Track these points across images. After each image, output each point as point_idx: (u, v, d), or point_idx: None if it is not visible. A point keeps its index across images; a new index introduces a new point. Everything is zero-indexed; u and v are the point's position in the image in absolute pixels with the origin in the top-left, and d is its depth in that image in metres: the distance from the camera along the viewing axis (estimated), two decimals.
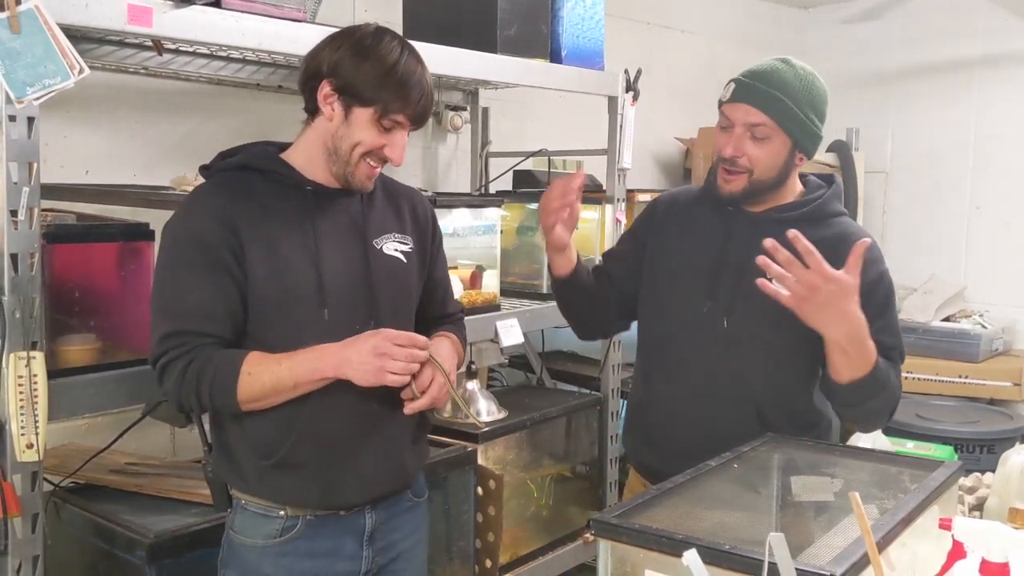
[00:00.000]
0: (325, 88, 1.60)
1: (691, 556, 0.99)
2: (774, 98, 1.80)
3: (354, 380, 1.56)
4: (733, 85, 1.85)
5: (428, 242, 1.83)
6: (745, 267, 1.84)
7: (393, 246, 1.73)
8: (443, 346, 1.76)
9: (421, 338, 1.62)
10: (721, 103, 1.87)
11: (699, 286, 1.89)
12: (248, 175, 1.65)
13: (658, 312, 1.99)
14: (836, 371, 1.72)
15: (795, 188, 1.93)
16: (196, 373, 1.55)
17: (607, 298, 2.06)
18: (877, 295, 1.83)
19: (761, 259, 1.63)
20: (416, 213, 1.81)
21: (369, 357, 1.55)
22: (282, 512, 1.64)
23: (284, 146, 1.72)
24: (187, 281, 1.56)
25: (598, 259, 2.96)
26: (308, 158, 1.66)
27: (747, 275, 1.83)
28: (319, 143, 1.64)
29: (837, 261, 1.79)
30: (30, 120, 1.58)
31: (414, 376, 1.60)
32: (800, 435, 1.77)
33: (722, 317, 1.86)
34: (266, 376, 1.55)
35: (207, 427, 1.73)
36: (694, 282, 1.90)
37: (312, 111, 1.65)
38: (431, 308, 1.86)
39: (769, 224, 1.86)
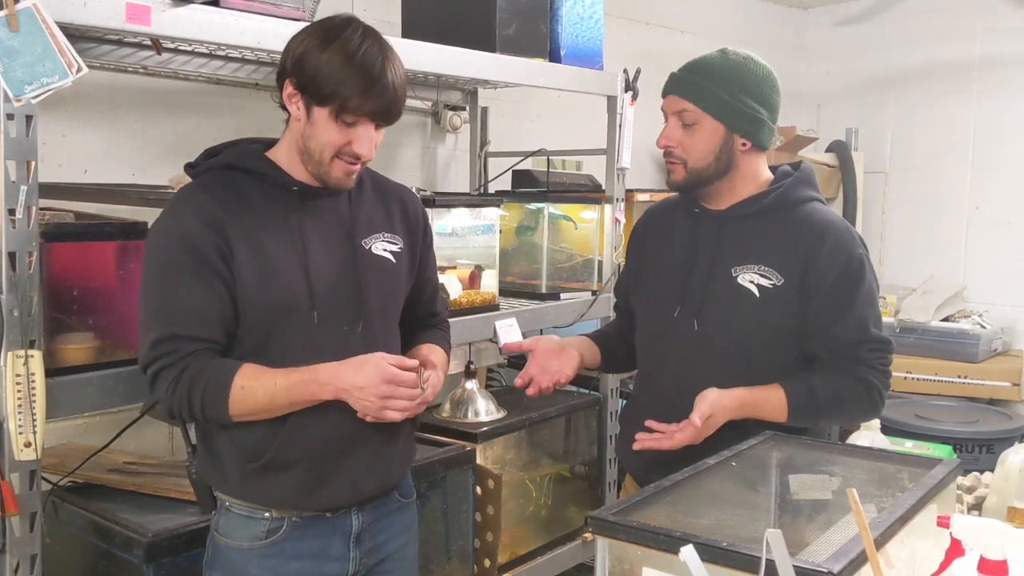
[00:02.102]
0: (288, 88, 1.57)
1: (688, 552, 0.99)
2: (694, 83, 1.82)
3: (354, 408, 1.56)
4: (667, 79, 1.88)
5: (418, 242, 1.80)
6: (712, 268, 1.84)
7: (382, 246, 1.70)
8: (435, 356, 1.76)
9: (412, 362, 1.60)
10: (662, 98, 1.90)
11: (670, 290, 1.89)
12: (234, 175, 1.63)
13: (640, 320, 1.99)
14: None
15: (759, 179, 1.89)
16: (188, 383, 1.52)
17: (625, 345, 2.07)
18: (844, 283, 1.80)
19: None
20: (407, 212, 1.78)
21: (373, 398, 1.54)
22: (267, 514, 1.63)
23: (271, 143, 1.69)
24: (177, 284, 1.54)
25: (598, 258, 2.97)
26: (291, 157, 1.64)
27: (714, 276, 1.84)
28: (295, 144, 1.62)
29: (802, 247, 1.80)
30: (28, 118, 1.58)
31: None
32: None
33: (692, 319, 1.84)
34: (260, 393, 1.53)
35: (191, 429, 1.72)
36: (666, 287, 1.90)
37: (286, 109, 1.62)
38: (418, 307, 1.84)
39: (734, 221, 1.86)
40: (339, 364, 1.56)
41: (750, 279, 1.81)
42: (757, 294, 1.80)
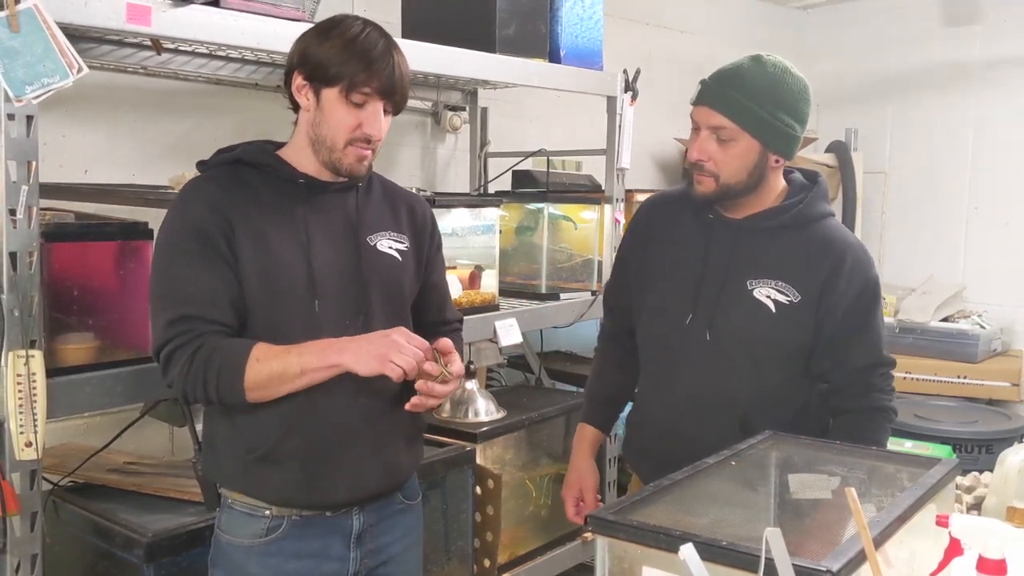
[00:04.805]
0: (297, 80, 1.61)
1: (687, 550, 0.99)
2: (735, 100, 1.75)
3: (355, 367, 1.52)
4: (699, 87, 1.82)
5: (425, 245, 1.81)
6: (725, 278, 1.82)
7: (388, 243, 1.72)
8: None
9: (426, 343, 1.59)
10: (692, 106, 1.84)
11: (682, 297, 1.86)
12: (242, 169, 1.65)
13: (646, 323, 1.96)
14: None
15: (777, 189, 1.88)
16: (204, 361, 1.51)
17: (632, 356, 2.03)
18: (861, 305, 1.82)
19: None
20: (414, 215, 1.80)
21: (376, 344, 1.53)
22: (268, 511, 1.63)
23: (282, 145, 1.72)
24: (187, 270, 1.55)
25: (598, 258, 2.97)
26: (299, 152, 1.66)
27: (728, 287, 1.82)
28: (305, 136, 1.65)
29: (823, 267, 1.80)
30: (29, 119, 1.58)
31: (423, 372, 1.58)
32: None
33: (704, 329, 1.82)
34: (275, 363, 1.52)
35: (199, 426, 1.73)
36: (677, 293, 1.87)
37: (296, 108, 1.66)
38: (428, 313, 1.85)
39: (749, 233, 1.84)
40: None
41: (767, 294, 1.80)
42: (773, 309, 1.79)
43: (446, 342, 1.64)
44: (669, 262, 1.92)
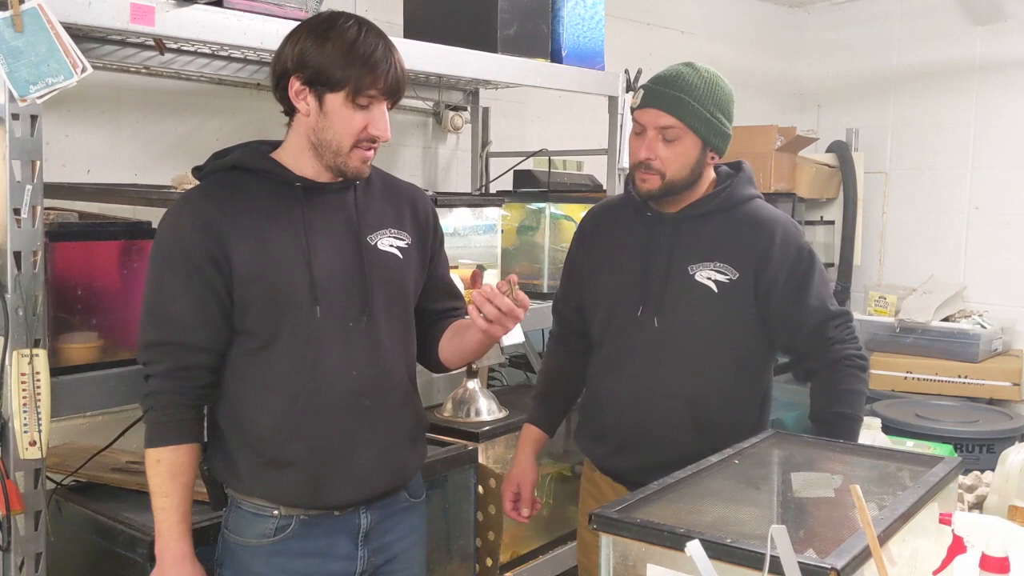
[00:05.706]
0: (295, 84, 1.59)
1: (694, 547, 1.00)
2: (680, 100, 1.86)
3: None
4: (642, 91, 1.92)
5: (429, 240, 1.81)
6: (669, 268, 1.91)
7: (389, 242, 1.72)
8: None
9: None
10: (633, 110, 1.94)
11: (631, 290, 1.94)
12: (239, 175, 1.65)
13: (601, 321, 2.02)
14: None
15: (708, 181, 1.97)
16: (149, 408, 1.59)
17: (579, 358, 2.11)
18: (799, 271, 1.89)
19: None
20: (416, 210, 1.80)
21: None
22: (276, 511, 1.63)
23: (278, 144, 1.71)
24: (170, 288, 1.58)
25: None
26: (295, 155, 1.65)
27: (672, 275, 1.90)
28: (303, 140, 1.63)
29: (755, 244, 1.89)
30: (33, 118, 1.59)
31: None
32: (735, 432, 1.76)
33: (653, 317, 1.90)
34: (155, 481, 1.59)
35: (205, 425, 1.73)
36: (626, 288, 1.95)
37: (290, 112, 1.65)
38: (436, 305, 1.85)
39: (686, 221, 1.93)
40: (185, 560, 1.59)
41: (707, 276, 1.88)
42: (715, 289, 1.87)
43: (512, 276, 1.62)
44: (616, 260, 2.00)
